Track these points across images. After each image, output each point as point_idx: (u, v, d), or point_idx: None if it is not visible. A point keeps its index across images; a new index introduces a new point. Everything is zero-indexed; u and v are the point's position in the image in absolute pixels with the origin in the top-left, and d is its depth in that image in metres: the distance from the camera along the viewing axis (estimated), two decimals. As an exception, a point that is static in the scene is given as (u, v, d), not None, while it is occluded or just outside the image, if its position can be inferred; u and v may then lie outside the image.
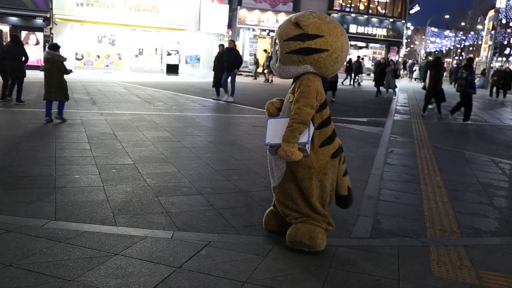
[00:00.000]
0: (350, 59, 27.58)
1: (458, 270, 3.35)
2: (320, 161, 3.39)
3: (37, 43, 22.48)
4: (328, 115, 3.48)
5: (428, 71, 14.09)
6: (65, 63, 8.61)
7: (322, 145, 3.40)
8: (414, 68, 38.40)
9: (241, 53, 30.74)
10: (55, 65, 8.48)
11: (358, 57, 27.45)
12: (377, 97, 18.78)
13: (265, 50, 26.67)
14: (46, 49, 8.69)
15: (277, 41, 3.47)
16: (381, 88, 19.34)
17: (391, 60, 22.98)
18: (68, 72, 8.72)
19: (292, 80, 3.60)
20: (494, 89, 21.97)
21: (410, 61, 48.76)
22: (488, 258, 3.62)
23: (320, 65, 3.34)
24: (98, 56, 24.74)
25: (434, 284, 3.12)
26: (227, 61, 13.36)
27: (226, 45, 14.32)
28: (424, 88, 15.00)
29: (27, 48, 22.37)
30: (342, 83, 26.17)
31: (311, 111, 3.27)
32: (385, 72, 19.21)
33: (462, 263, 3.47)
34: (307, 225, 3.46)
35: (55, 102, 8.58)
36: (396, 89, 19.79)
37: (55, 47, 8.67)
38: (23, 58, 10.86)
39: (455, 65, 36.16)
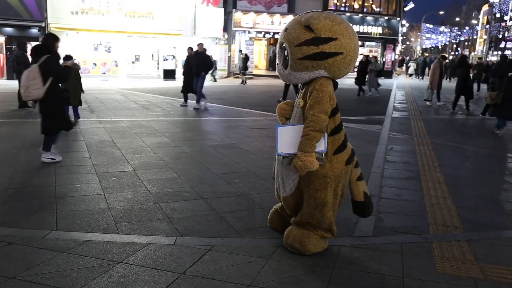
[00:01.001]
0: (367, 57, 27.66)
1: (462, 265, 3.35)
2: (335, 170, 3.27)
3: (33, 53, 22.45)
4: (340, 120, 3.36)
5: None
6: None
7: (336, 152, 3.27)
8: (409, 65, 38.49)
9: (237, 56, 30.90)
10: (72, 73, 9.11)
11: (367, 56, 27.35)
12: (359, 96, 17.92)
13: (240, 51, 26.24)
14: (61, 59, 9.42)
15: (285, 45, 3.27)
16: (365, 87, 18.55)
17: (373, 57, 21.13)
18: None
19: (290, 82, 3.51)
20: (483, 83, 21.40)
21: (407, 58, 48.92)
22: (491, 252, 3.62)
23: (334, 68, 3.19)
24: (95, 64, 24.76)
25: (439, 280, 3.11)
26: (196, 65, 12.58)
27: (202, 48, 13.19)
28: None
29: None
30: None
31: (326, 117, 3.14)
32: (366, 71, 18.15)
33: (466, 258, 3.47)
34: (301, 230, 3.45)
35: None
36: (379, 88, 18.78)
37: (69, 58, 9.40)
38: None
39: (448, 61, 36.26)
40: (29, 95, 5.85)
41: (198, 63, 12.58)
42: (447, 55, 26.58)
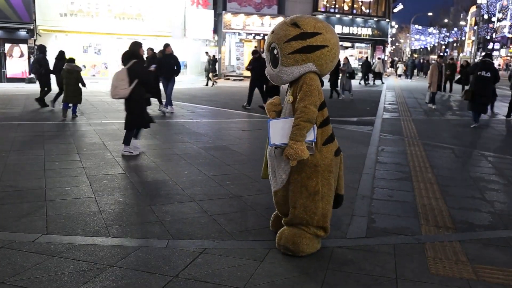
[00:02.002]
0: (366, 58, 29.58)
1: (455, 265, 3.36)
2: (325, 159, 3.39)
3: (22, 55, 22.28)
4: (328, 114, 3.50)
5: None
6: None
7: (325, 143, 3.41)
8: (397, 66, 38.88)
9: (227, 58, 30.91)
10: (73, 74, 10.44)
11: (367, 58, 28.26)
12: (331, 98, 16.84)
13: (206, 53, 24.86)
14: (66, 62, 10.91)
15: (274, 44, 3.43)
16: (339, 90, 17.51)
17: (345, 57, 20.50)
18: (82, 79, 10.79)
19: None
20: (448, 84, 20.65)
21: (396, 60, 49.43)
22: (483, 252, 3.63)
23: (321, 61, 3.37)
24: (84, 66, 24.50)
25: (432, 281, 3.12)
26: (166, 68, 11.69)
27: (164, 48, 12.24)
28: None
29: (11, 60, 22.25)
30: (360, 82, 27.07)
31: (316, 109, 3.29)
32: (338, 72, 17.03)
33: (458, 259, 3.48)
34: (294, 230, 3.45)
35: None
36: (352, 91, 17.70)
37: (73, 60, 10.85)
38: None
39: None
40: (116, 93, 6.56)
41: (169, 66, 11.76)
42: (443, 55, 26.03)
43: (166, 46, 12.03)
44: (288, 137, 3.28)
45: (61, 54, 12.50)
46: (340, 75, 17.54)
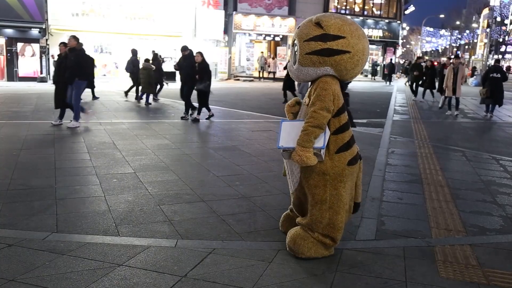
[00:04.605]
0: (391, 60, 31.34)
1: (465, 269, 3.32)
2: (335, 168, 3.27)
3: (33, 54, 22.51)
4: (346, 120, 3.35)
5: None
6: None
7: (339, 151, 3.28)
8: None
9: (237, 58, 30.90)
10: (146, 71, 13.87)
11: (391, 59, 29.86)
12: (284, 103, 15.59)
13: (153, 51, 23.74)
14: (142, 61, 14.48)
15: (296, 41, 3.35)
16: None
17: None
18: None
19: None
20: (421, 87, 18.21)
21: (404, 61, 49.16)
22: (494, 257, 3.59)
23: (340, 67, 3.23)
24: (95, 66, 24.72)
25: (442, 284, 3.09)
26: (69, 68, 9.01)
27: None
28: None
29: (23, 60, 22.50)
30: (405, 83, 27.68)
31: (327, 115, 3.17)
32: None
33: (469, 262, 3.44)
34: (299, 231, 3.43)
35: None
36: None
37: (148, 60, 14.45)
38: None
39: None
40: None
41: (71, 65, 9.04)
42: (458, 54, 24.33)
43: (69, 39, 9.30)
44: (295, 142, 3.19)
45: (134, 52, 15.41)
46: None
